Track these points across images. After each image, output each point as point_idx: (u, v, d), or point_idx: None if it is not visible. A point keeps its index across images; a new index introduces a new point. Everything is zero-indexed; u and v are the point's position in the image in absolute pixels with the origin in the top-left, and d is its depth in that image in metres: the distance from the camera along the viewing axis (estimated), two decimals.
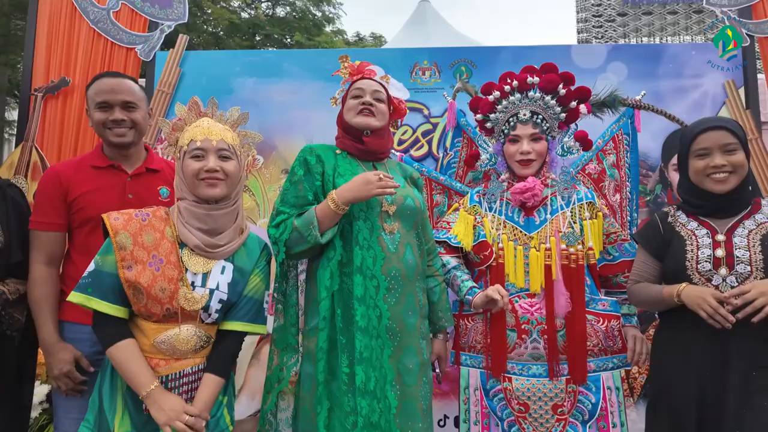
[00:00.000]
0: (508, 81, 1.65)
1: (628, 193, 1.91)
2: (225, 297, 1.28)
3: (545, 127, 1.57)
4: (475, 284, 1.54)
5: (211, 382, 1.26)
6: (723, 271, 1.27)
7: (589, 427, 1.42)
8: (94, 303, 1.20)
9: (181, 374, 1.24)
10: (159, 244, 1.24)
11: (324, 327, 1.40)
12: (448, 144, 2.70)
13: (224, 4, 9.09)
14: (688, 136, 1.37)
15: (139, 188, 1.59)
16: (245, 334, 1.34)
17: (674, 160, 2.72)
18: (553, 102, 1.60)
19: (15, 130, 1.95)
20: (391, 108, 1.61)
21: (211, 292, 1.26)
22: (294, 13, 10.08)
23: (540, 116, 1.57)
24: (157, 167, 1.66)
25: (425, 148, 2.79)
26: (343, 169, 1.47)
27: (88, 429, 1.25)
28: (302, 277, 1.61)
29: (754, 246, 1.27)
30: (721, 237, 1.30)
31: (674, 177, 2.73)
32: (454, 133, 2.10)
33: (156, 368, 1.22)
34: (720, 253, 1.28)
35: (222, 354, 1.30)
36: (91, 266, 1.24)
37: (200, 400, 1.24)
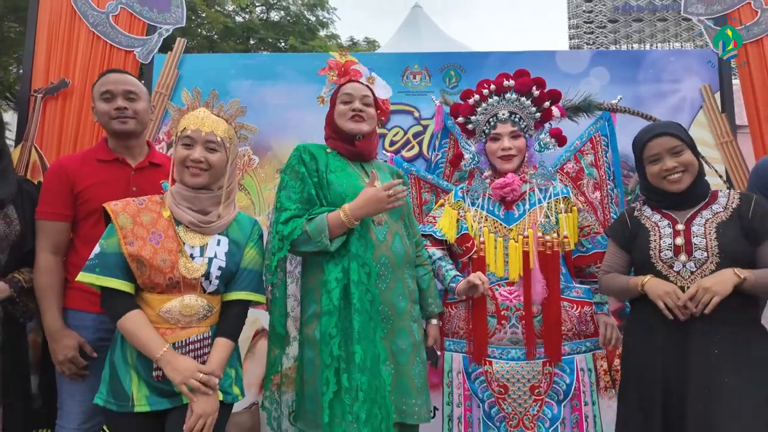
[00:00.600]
0: (485, 86, 1.76)
1: (609, 190, 2.02)
2: (223, 264, 1.37)
3: (523, 126, 1.68)
4: (458, 273, 1.64)
5: (222, 345, 1.36)
6: (683, 257, 1.38)
7: (564, 407, 1.52)
8: (103, 280, 1.28)
9: (187, 342, 1.33)
10: (156, 222, 1.33)
11: (334, 313, 1.47)
12: (436, 144, 2.82)
13: (218, 8, 9.18)
14: (638, 144, 1.49)
15: (143, 181, 1.67)
16: (249, 303, 1.43)
17: None
18: (528, 102, 1.71)
19: (9, 131, 2.02)
20: (377, 109, 1.71)
21: (210, 260, 1.35)
22: (288, 18, 10.18)
23: (517, 115, 1.69)
24: (158, 161, 1.75)
25: (416, 149, 2.89)
26: (334, 166, 1.57)
27: (102, 399, 1.34)
28: (290, 268, 1.69)
29: (710, 233, 1.38)
30: (680, 227, 1.42)
31: None
32: (441, 135, 2.21)
33: (163, 337, 1.31)
34: (680, 241, 1.39)
35: (229, 319, 1.41)
36: (96, 249, 1.33)
37: (213, 361, 1.34)
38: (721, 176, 2.79)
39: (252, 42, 9.56)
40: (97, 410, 1.55)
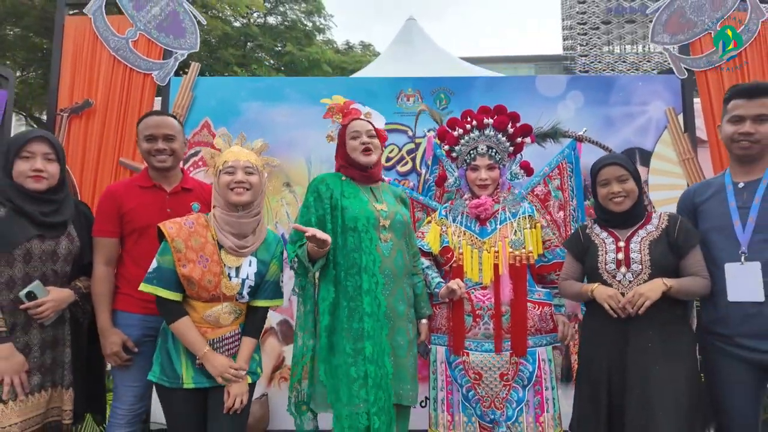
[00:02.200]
0: (468, 120, 2.08)
1: (571, 210, 2.37)
2: (252, 283, 1.70)
3: (498, 159, 2.02)
4: (442, 280, 1.97)
5: (248, 343, 1.73)
6: (623, 269, 1.72)
7: (528, 391, 1.85)
8: (160, 291, 1.60)
9: (222, 338, 1.68)
10: (204, 246, 1.64)
11: (327, 316, 1.80)
12: (429, 162, 3.16)
13: (215, 12, 9.43)
14: (593, 170, 1.83)
15: (175, 204, 1.99)
16: (268, 307, 1.78)
17: None
18: (504, 138, 2.04)
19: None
20: (379, 138, 2.04)
21: (243, 281, 1.67)
22: (285, 23, 10.48)
23: (494, 149, 2.02)
24: (190, 186, 2.07)
25: (409, 165, 3.22)
26: (348, 193, 1.88)
27: (155, 377, 1.69)
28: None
29: (644, 250, 1.71)
30: (621, 243, 1.75)
31: None
32: (432, 161, 2.53)
33: (204, 334, 1.66)
34: (621, 256, 1.73)
35: (254, 322, 1.77)
36: (154, 264, 1.64)
37: (241, 357, 1.70)
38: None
39: (249, 45, 9.84)
40: (145, 394, 1.88)
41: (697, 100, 3.31)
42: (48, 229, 1.68)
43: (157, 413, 2.04)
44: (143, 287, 1.62)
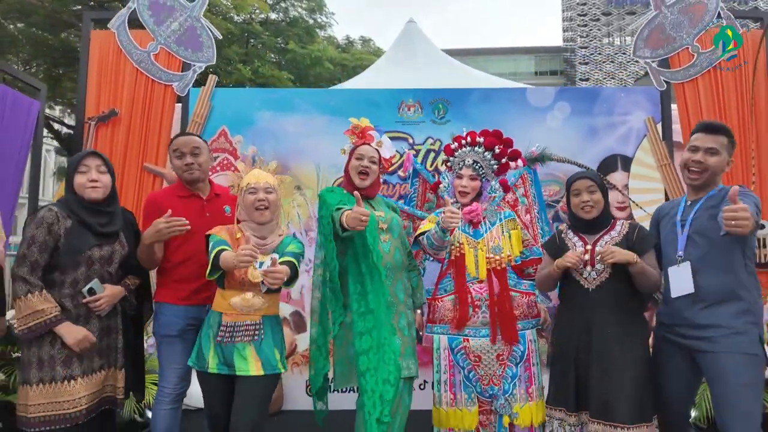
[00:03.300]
0: (466, 137, 2.39)
1: (536, 213, 2.73)
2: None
3: (481, 173, 2.33)
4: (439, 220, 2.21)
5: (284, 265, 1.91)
6: (588, 268, 2.03)
7: (520, 367, 2.19)
8: (218, 249, 1.89)
9: (243, 324, 1.94)
10: (238, 243, 1.94)
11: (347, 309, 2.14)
12: (430, 167, 3.47)
13: (218, 10, 9.66)
14: (568, 182, 2.14)
15: (212, 208, 2.31)
16: (295, 264, 1.97)
17: (607, 178, 3.53)
18: (490, 156, 2.36)
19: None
20: (381, 165, 2.34)
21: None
22: (287, 19, 10.69)
23: (479, 164, 2.33)
24: (219, 192, 2.38)
25: (410, 169, 3.53)
26: (351, 202, 2.19)
27: (192, 362, 2.00)
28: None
29: None
30: (588, 246, 2.06)
31: None
32: (412, 175, 2.84)
33: (229, 319, 1.93)
34: (587, 256, 2.04)
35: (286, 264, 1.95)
36: (212, 246, 1.92)
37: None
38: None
39: (252, 44, 10.07)
40: (186, 376, 2.20)
41: (674, 106, 3.61)
42: (105, 238, 1.99)
43: (194, 395, 2.36)
44: (212, 257, 1.88)
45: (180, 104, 3.63)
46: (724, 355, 1.81)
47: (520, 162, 2.50)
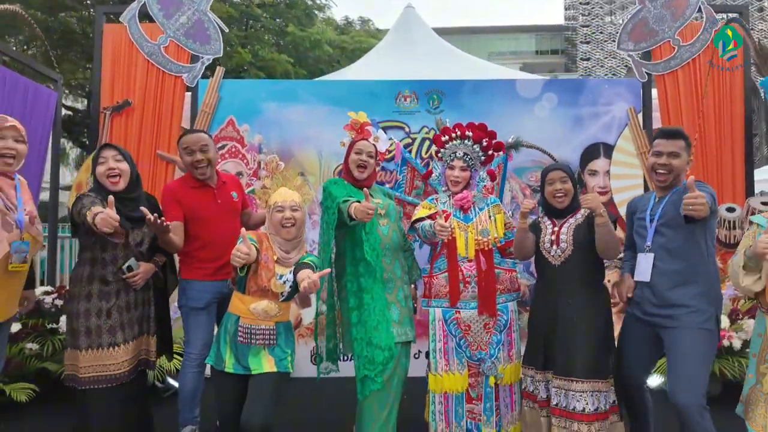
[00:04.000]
0: (455, 130, 2.66)
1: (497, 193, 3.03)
2: (290, 285, 2.14)
3: (471, 164, 2.61)
4: (432, 221, 2.47)
5: (305, 269, 2.06)
6: (554, 247, 2.34)
7: (503, 333, 2.51)
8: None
9: (260, 329, 2.12)
10: (268, 250, 2.19)
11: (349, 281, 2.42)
12: (425, 154, 3.74)
13: None
14: (544, 172, 2.42)
15: (222, 195, 2.59)
16: (313, 268, 2.13)
17: (589, 166, 3.82)
18: (478, 149, 2.63)
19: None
20: (377, 158, 2.59)
21: (285, 282, 2.15)
22: (286, 0, 10.77)
23: (468, 156, 2.61)
24: (225, 180, 2.66)
25: (409, 154, 3.80)
26: (351, 192, 2.46)
27: (211, 360, 2.19)
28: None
29: (569, 233, 2.31)
30: (556, 228, 2.37)
31: (588, 179, 3.81)
32: (401, 163, 3.10)
33: (246, 322, 2.11)
34: (553, 237, 2.34)
35: (305, 266, 2.13)
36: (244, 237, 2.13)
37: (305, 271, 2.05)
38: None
39: (251, 27, 10.19)
40: (209, 343, 2.49)
41: (655, 95, 3.87)
42: (135, 222, 2.27)
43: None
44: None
45: (190, 93, 3.88)
46: (684, 330, 2.09)
47: (503, 155, 2.78)
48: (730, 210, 3.67)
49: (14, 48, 11.52)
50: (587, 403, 2.15)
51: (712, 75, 3.71)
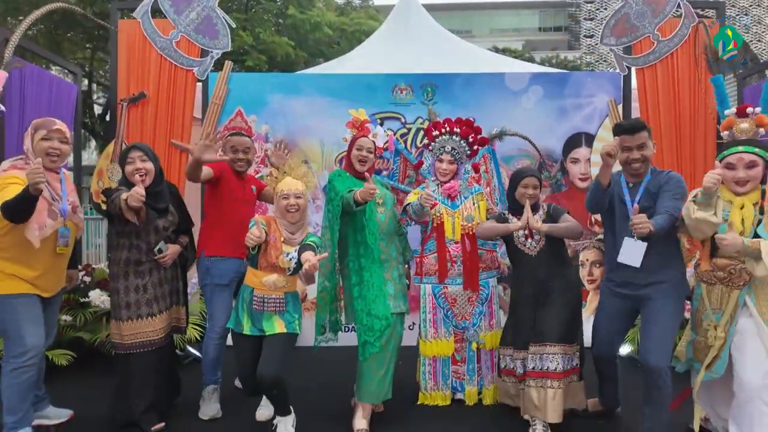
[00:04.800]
0: (445, 125, 2.99)
1: (495, 185, 3.37)
2: (295, 262, 2.49)
3: (458, 157, 2.96)
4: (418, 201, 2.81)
5: (308, 251, 2.42)
6: (529, 240, 2.70)
7: (484, 305, 2.92)
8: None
9: (271, 298, 2.49)
10: (275, 231, 2.56)
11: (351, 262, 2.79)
12: (419, 144, 4.07)
13: None
14: (517, 176, 2.75)
15: (248, 185, 2.99)
16: (314, 248, 2.49)
17: (571, 154, 4.16)
18: (465, 145, 2.98)
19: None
20: (376, 152, 2.93)
21: (291, 259, 2.53)
22: None
23: (456, 151, 2.96)
24: (249, 177, 3.04)
25: (402, 145, 4.14)
26: (354, 183, 2.81)
27: (232, 324, 2.58)
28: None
29: None
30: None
31: (570, 167, 4.15)
32: (394, 154, 3.44)
33: (260, 292, 2.47)
34: (527, 232, 2.68)
35: (308, 246, 2.49)
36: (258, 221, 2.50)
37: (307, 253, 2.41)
38: None
39: (252, 9, 10.35)
40: (230, 316, 2.88)
41: (635, 85, 4.18)
42: (161, 213, 2.63)
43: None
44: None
45: (200, 84, 4.19)
46: (660, 300, 2.41)
47: (489, 144, 3.15)
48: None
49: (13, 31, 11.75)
50: (558, 363, 2.55)
51: (689, 66, 4.02)
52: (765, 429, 2.00)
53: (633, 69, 4.15)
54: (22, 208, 2.14)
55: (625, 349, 3.72)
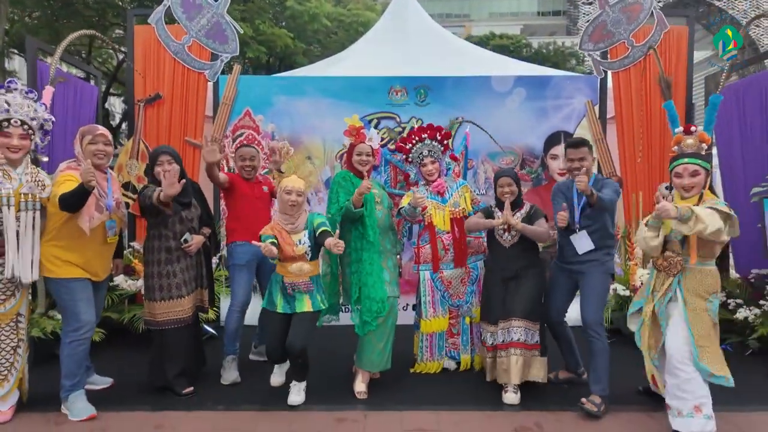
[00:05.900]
0: (412, 137, 3.45)
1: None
2: (309, 244, 2.97)
3: (436, 156, 3.42)
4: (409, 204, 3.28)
5: (328, 237, 2.87)
6: (507, 234, 3.16)
7: (474, 285, 3.42)
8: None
9: (300, 282, 2.91)
10: (280, 233, 3.00)
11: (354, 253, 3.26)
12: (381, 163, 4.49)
13: None
14: (496, 176, 3.21)
15: (257, 187, 3.44)
16: (329, 232, 2.92)
17: (551, 151, 4.61)
18: (437, 143, 3.44)
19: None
20: (373, 155, 3.37)
21: (305, 245, 2.97)
22: None
23: (433, 152, 3.42)
24: (259, 179, 3.49)
25: (389, 155, 4.56)
26: (357, 183, 3.25)
27: (266, 304, 3.02)
28: None
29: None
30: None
31: (550, 163, 4.61)
32: (384, 163, 3.90)
33: (289, 279, 2.91)
34: (505, 226, 3.14)
35: (324, 235, 2.92)
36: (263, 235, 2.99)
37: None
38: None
39: (251, 0, 10.64)
40: (250, 294, 3.35)
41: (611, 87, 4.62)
42: (185, 206, 3.07)
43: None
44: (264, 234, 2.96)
45: (211, 85, 4.60)
46: (593, 274, 3.00)
47: (463, 140, 3.63)
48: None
49: (15, 18, 12.02)
50: (521, 335, 3.04)
51: (654, 68, 4.45)
52: (674, 379, 2.59)
53: (609, 72, 4.58)
54: (75, 200, 2.57)
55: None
